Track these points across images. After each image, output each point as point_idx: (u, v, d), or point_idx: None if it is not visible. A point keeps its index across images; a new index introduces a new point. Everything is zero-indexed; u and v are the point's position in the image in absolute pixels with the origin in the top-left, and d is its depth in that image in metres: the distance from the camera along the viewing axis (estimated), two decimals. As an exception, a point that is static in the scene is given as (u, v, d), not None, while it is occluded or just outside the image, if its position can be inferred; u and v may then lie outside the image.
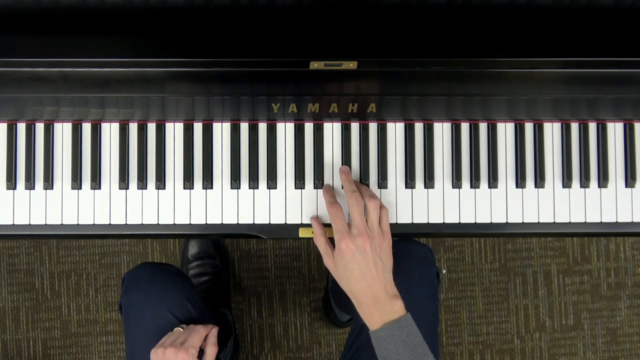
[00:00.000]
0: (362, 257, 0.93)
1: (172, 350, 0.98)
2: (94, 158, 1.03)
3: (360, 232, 0.94)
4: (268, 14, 0.91)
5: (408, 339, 0.90)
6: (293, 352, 1.72)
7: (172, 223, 1.03)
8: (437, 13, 0.92)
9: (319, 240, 0.99)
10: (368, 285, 0.93)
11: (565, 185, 1.05)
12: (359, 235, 0.94)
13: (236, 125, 1.04)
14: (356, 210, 0.96)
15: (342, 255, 0.94)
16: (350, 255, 0.93)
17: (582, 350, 1.75)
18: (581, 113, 1.04)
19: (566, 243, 1.75)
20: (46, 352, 1.71)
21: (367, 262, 0.93)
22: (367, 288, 0.93)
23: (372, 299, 0.93)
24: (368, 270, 0.93)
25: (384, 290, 0.93)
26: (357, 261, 0.93)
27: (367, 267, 0.93)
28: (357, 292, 0.93)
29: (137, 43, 0.91)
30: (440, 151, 1.05)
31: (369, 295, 0.93)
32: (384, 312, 0.92)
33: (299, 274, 1.71)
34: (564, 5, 0.92)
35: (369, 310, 0.93)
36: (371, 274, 0.93)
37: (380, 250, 0.95)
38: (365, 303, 0.93)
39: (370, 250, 0.93)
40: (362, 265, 0.93)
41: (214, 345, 1.03)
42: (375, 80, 0.97)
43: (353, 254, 0.93)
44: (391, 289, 0.94)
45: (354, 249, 0.93)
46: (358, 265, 0.93)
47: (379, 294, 0.93)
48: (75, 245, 1.70)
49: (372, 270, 0.93)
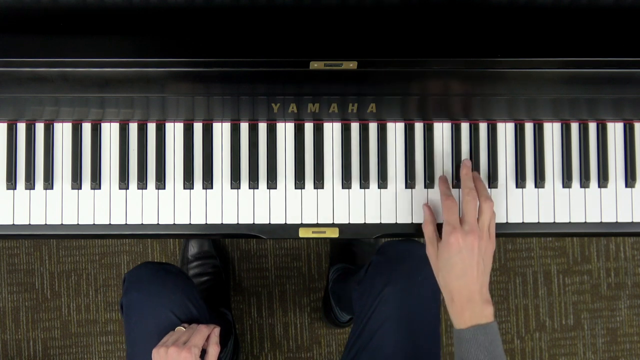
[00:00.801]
0: (468, 254, 0.93)
1: (174, 350, 0.98)
2: (94, 158, 1.03)
3: (472, 229, 0.94)
4: (268, 14, 0.91)
5: (490, 347, 0.91)
6: (293, 352, 1.72)
7: (172, 223, 1.03)
8: (437, 13, 0.92)
9: (428, 227, 0.99)
10: (466, 283, 0.92)
11: (565, 185, 1.05)
12: (470, 232, 0.94)
13: (236, 125, 1.04)
14: (471, 207, 0.96)
15: (449, 248, 0.94)
16: (457, 250, 0.93)
17: (582, 350, 1.75)
18: (581, 113, 1.04)
19: (566, 243, 1.75)
20: (46, 352, 1.71)
21: (472, 260, 0.93)
22: (464, 286, 0.93)
23: (466, 298, 0.92)
24: (470, 269, 0.93)
25: (479, 292, 0.93)
26: (462, 257, 0.93)
27: (470, 266, 0.93)
28: (454, 287, 0.93)
29: (137, 43, 0.91)
30: (440, 151, 1.05)
31: (464, 293, 0.92)
32: (474, 313, 0.92)
33: (299, 274, 1.71)
34: (564, 5, 0.92)
35: (460, 309, 0.92)
36: (472, 273, 0.93)
37: (485, 253, 0.95)
38: (458, 300, 0.93)
39: (477, 249, 0.93)
40: (466, 263, 0.93)
41: (216, 345, 1.03)
42: (375, 80, 0.97)
43: (460, 249, 0.93)
44: (486, 293, 0.93)
45: (463, 244, 0.93)
46: (462, 262, 0.93)
47: (473, 295, 0.92)
48: (75, 245, 1.70)
49: (474, 269, 0.93)
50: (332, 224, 1.04)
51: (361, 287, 1.18)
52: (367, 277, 1.16)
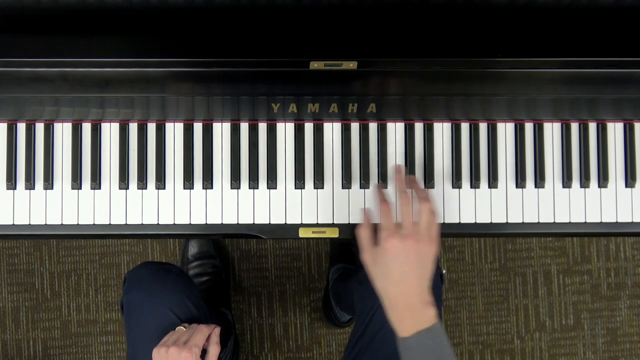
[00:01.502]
0: (405, 260, 0.89)
1: (175, 350, 0.97)
2: (94, 158, 1.03)
3: (409, 233, 0.91)
4: (268, 14, 0.91)
5: (438, 349, 0.88)
6: (293, 352, 1.71)
7: (172, 223, 1.03)
8: (437, 13, 0.92)
9: (364, 231, 0.95)
10: (404, 290, 0.89)
11: (565, 185, 1.05)
12: (406, 237, 0.90)
13: (236, 125, 1.04)
14: (406, 211, 0.93)
15: (385, 253, 0.90)
16: (393, 255, 0.90)
17: (582, 350, 1.75)
18: (581, 113, 1.04)
19: (566, 243, 1.75)
20: (46, 352, 1.71)
21: (409, 266, 0.89)
22: (403, 293, 0.89)
23: (406, 305, 0.89)
24: (408, 275, 0.89)
25: (419, 296, 0.89)
26: (400, 263, 0.89)
27: (407, 271, 0.89)
28: (392, 294, 0.90)
29: (137, 43, 0.91)
30: (440, 151, 1.05)
31: (403, 300, 0.89)
32: (415, 319, 0.89)
33: (299, 274, 1.71)
34: (564, 5, 0.92)
35: (401, 316, 0.90)
36: (410, 279, 0.89)
37: (425, 256, 0.91)
38: (397, 308, 0.90)
39: (415, 254, 0.90)
40: (404, 268, 0.89)
41: (216, 345, 1.03)
42: (375, 80, 0.97)
43: (397, 254, 0.90)
44: (426, 296, 0.90)
45: (400, 249, 0.90)
46: (399, 267, 0.89)
47: (413, 301, 0.89)
48: (75, 245, 1.70)
49: (413, 275, 0.89)
50: (332, 224, 1.04)
51: (363, 287, 1.18)
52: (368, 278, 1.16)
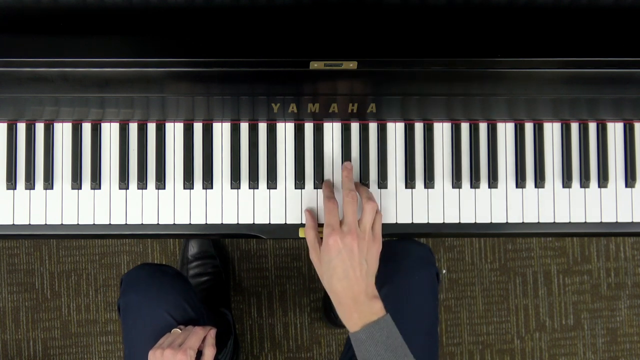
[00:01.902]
0: (348, 255, 0.92)
1: (170, 352, 0.97)
2: (94, 158, 1.03)
3: (350, 230, 0.93)
4: (268, 14, 0.91)
5: (388, 340, 0.90)
6: (293, 352, 1.72)
7: (172, 223, 1.03)
8: (437, 13, 0.92)
9: (309, 232, 0.99)
10: (349, 285, 0.92)
11: (565, 185, 1.05)
12: (348, 233, 0.93)
13: (236, 125, 1.04)
14: (350, 209, 0.95)
15: (329, 250, 0.93)
16: (336, 252, 0.92)
17: (582, 350, 1.75)
18: (581, 113, 1.04)
19: (566, 243, 1.75)
20: (46, 352, 1.71)
21: (352, 261, 0.92)
22: (348, 288, 0.92)
23: (351, 300, 0.91)
24: (352, 270, 0.92)
25: (364, 292, 0.92)
26: (342, 259, 0.92)
27: (351, 267, 0.92)
28: (338, 290, 0.92)
29: (137, 43, 0.91)
30: (440, 151, 1.05)
31: (349, 295, 0.92)
32: (362, 313, 0.91)
33: (299, 274, 1.71)
34: (564, 5, 0.92)
35: (349, 311, 0.92)
36: (354, 274, 0.92)
37: (367, 253, 0.94)
38: (344, 303, 0.92)
39: (357, 250, 0.92)
40: (347, 264, 0.92)
41: (212, 347, 1.03)
42: (375, 80, 0.97)
43: (339, 250, 0.92)
44: (372, 291, 0.92)
45: (342, 246, 0.92)
46: (342, 263, 0.92)
47: (358, 296, 0.91)
48: (75, 245, 1.70)
49: (357, 270, 0.92)
50: (332, 224, 1.03)
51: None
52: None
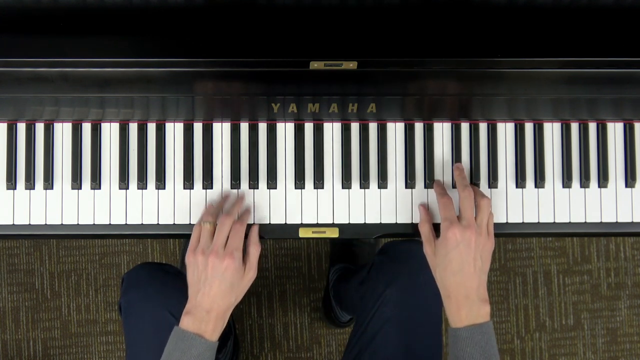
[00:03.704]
0: (466, 249, 0.92)
1: (215, 259, 0.92)
2: (94, 158, 1.03)
3: (469, 224, 0.93)
4: (268, 14, 0.91)
5: (486, 346, 0.89)
6: (293, 352, 1.72)
7: (172, 223, 1.03)
8: (437, 13, 0.92)
9: (425, 226, 0.99)
10: (463, 280, 0.91)
11: (565, 185, 1.05)
12: (467, 227, 0.93)
13: (236, 125, 1.04)
14: (468, 204, 0.95)
15: (446, 243, 0.93)
16: (454, 245, 0.92)
17: (582, 350, 1.75)
18: (581, 113, 1.04)
19: (566, 243, 1.75)
20: (46, 352, 1.71)
21: (469, 256, 0.92)
22: (461, 283, 0.91)
23: (463, 296, 0.91)
24: (467, 265, 0.91)
25: (476, 289, 0.91)
26: (460, 252, 0.92)
27: (467, 261, 0.91)
28: (450, 284, 0.92)
29: (137, 43, 0.91)
30: (440, 151, 1.05)
31: (461, 290, 0.91)
32: (471, 312, 0.90)
33: (299, 274, 1.71)
34: (564, 5, 0.92)
35: (457, 306, 0.91)
36: (469, 269, 0.91)
37: (482, 250, 0.94)
38: (455, 297, 0.91)
39: (474, 245, 0.92)
40: (463, 258, 0.91)
41: (256, 244, 0.98)
42: (375, 80, 0.97)
43: (458, 244, 0.92)
44: (483, 292, 0.92)
45: (460, 239, 0.92)
46: (459, 257, 0.91)
47: (470, 292, 0.91)
48: (75, 245, 1.70)
49: (471, 265, 0.91)
50: (332, 224, 1.04)
51: (363, 288, 1.18)
52: (370, 278, 1.16)
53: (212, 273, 0.92)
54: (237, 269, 0.93)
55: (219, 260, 0.92)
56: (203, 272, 0.93)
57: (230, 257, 0.92)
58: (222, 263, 0.92)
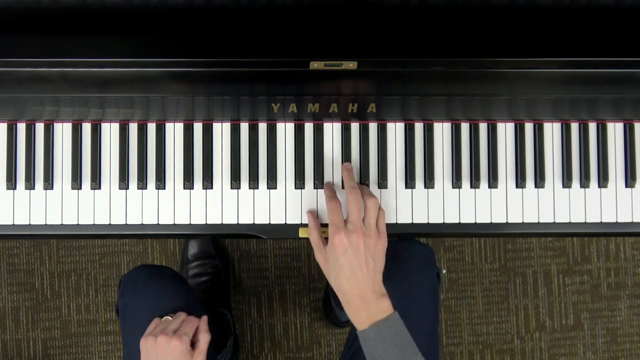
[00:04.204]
0: (355, 253, 0.92)
1: (164, 338, 0.96)
2: (94, 158, 1.03)
3: (355, 228, 0.93)
4: (268, 14, 0.91)
5: (396, 338, 0.89)
6: (293, 352, 1.72)
7: (172, 223, 1.03)
8: (437, 13, 0.92)
9: (312, 233, 0.98)
10: (357, 283, 0.91)
11: (565, 185, 1.05)
12: (354, 231, 0.92)
13: (236, 125, 1.04)
14: (354, 207, 0.94)
15: (335, 249, 0.93)
16: (342, 250, 0.92)
17: (582, 350, 1.75)
18: (581, 113, 1.04)
19: (566, 243, 1.75)
20: (46, 352, 1.71)
21: (359, 259, 0.91)
22: (355, 286, 0.91)
23: (360, 298, 0.91)
24: (359, 268, 0.91)
25: (372, 289, 0.91)
26: (349, 257, 0.92)
27: (358, 265, 0.91)
28: (345, 289, 0.92)
29: (137, 43, 0.91)
30: (440, 151, 1.05)
31: (356, 293, 0.91)
32: (371, 311, 0.91)
33: (299, 274, 1.71)
34: (564, 5, 0.92)
35: (357, 309, 0.91)
36: (362, 272, 0.91)
37: (373, 250, 0.94)
38: (353, 301, 0.92)
39: (363, 247, 0.92)
40: (354, 262, 0.91)
41: (206, 332, 1.01)
42: (375, 80, 0.97)
43: (346, 249, 0.92)
44: (379, 288, 0.92)
45: (348, 244, 0.92)
46: (349, 262, 0.91)
47: (366, 293, 0.91)
48: (75, 245, 1.70)
49: (363, 268, 0.91)
50: (332, 224, 1.03)
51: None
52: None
53: (161, 353, 0.95)
54: (184, 352, 0.95)
55: (167, 340, 0.95)
56: (153, 353, 0.96)
57: (178, 339, 0.95)
58: (170, 343, 0.95)
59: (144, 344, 0.98)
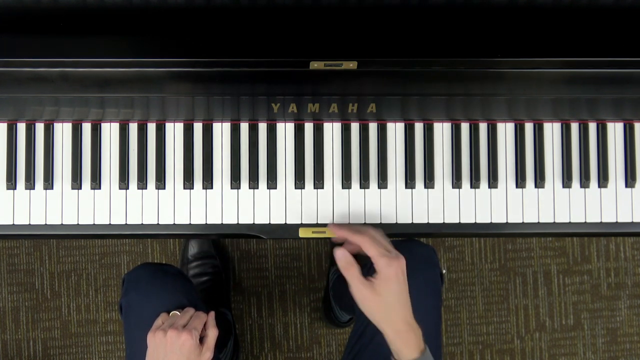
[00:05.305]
0: (404, 279, 0.89)
1: (173, 333, 0.95)
2: (94, 158, 1.03)
3: (397, 253, 0.90)
4: (268, 14, 0.91)
5: None
6: (293, 352, 1.71)
7: (172, 223, 1.03)
8: (437, 13, 0.92)
9: (352, 270, 0.90)
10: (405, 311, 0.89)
11: (565, 185, 1.05)
12: (398, 257, 0.89)
13: (236, 125, 1.04)
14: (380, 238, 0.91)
15: (390, 281, 0.88)
16: (396, 280, 0.88)
17: (582, 350, 1.75)
18: (581, 113, 1.04)
19: (566, 243, 1.75)
20: (46, 352, 1.71)
21: (406, 285, 0.89)
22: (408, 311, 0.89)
23: (407, 324, 0.89)
24: (406, 293, 0.89)
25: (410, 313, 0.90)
26: (401, 283, 0.88)
27: (405, 290, 0.89)
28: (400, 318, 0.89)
29: (137, 43, 0.91)
30: (440, 151, 1.05)
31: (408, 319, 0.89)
32: (417, 336, 0.89)
33: (299, 274, 1.71)
34: (564, 5, 0.92)
35: (407, 336, 0.89)
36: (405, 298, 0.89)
37: None
38: (403, 329, 0.89)
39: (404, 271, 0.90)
40: (403, 289, 0.89)
41: (214, 328, 1.01)
42: (375, 80, 0.97)
43: (398, 277, 0.88)
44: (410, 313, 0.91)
45: (401, 272, 0.88)
46: (401, 289, 0.89)
47: (407, 317, 0.89)
48: (75, 245, 1.70)
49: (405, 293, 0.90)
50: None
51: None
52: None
53: (170, 348, 0.95)
54: (194, 346, 0.95)
55: (177, 334, 0.95)
56: (162, 347, 0.95)
57: (188, 333, 0.95)
58: (179, 338, 0.94)
59: (152, 338, 0.97)
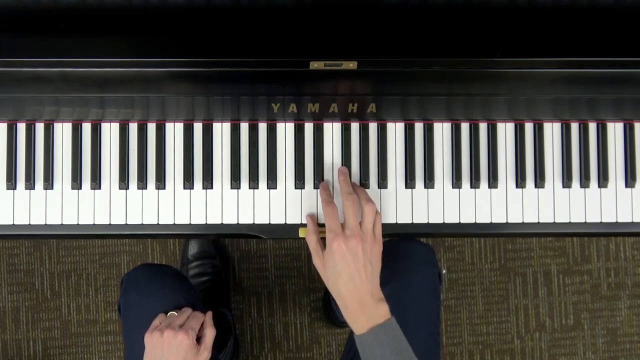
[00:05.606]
0: (353, 259, 0.92)
1: (170, 332, 0.96)
2: (94, 158, 1.03)
3: (353, 233, 0.93)
4: (268, 14, 0.91)
5: (394, 343, 0.90)
6: (293, 352, 1.72)
7: (172, 223, 1.03)
8: (437, 13, 0.92)
9: (311, 238, 0.98)
10: (355, 288, 0.92)
11: (565, 185, 1.05)
12: (352, 237, 0.93)
13: (236, 125, 1.04)
14: (351, 212, 0.95)
15: (333, 255, 0.93)
16: (340, 256, 0.92)
17: (582, 350, 1.75)
18: (581, 113, 1.04)
19: (566, 243, 1.75)
20: (46, 352, 1.71)
21: (357, 264, 0.92)
22: (354, 291, 0.92)
23: (358, 303, 0.92)
24: (357, 273, 0.92)
25: (370, 294, 0.92)
26: (347, 262, 0.92)
27: (356, 270, 0.92)
28: (344, 294, 0.92)
29: (137, 43, 0.91)
30: (440, 151, 1.05)
31: (355, 298, 0.92)
32: (369, 315, 0.91)
33: (299, 274, 1.71)
34: (564, 5, 0.92)
35: (355, 314, 0.92)
36: (360, 277, 0.92)
37: (371, 255, 0.94)
38: (351, 306, 0.92)
39: (361, 253, 0.92)
40: (352, 268, 0.92)
41: (212, 327, 1.02)
42: (375, 80, 0.97)
43: (344, 255, 0.92)
44: (377, 293, 0.93)
45: (346, 250, 0.92)
46: (347, 267, 0.92)
47: (365, 298, 0.91)
48: (75, 245, 1.70)
49: (362, 273, 0.92)
50: (332, 224, 1.03)
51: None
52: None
53: (167, 348, 0.96)
54: (190, 346, 0.97)
55: (174, 334, 0.96)
56: (159, 347, 0.96)
57: (184, 333, 0.96)
58: (176, 338, 0.96)
59: (149, 338, 0.98)
